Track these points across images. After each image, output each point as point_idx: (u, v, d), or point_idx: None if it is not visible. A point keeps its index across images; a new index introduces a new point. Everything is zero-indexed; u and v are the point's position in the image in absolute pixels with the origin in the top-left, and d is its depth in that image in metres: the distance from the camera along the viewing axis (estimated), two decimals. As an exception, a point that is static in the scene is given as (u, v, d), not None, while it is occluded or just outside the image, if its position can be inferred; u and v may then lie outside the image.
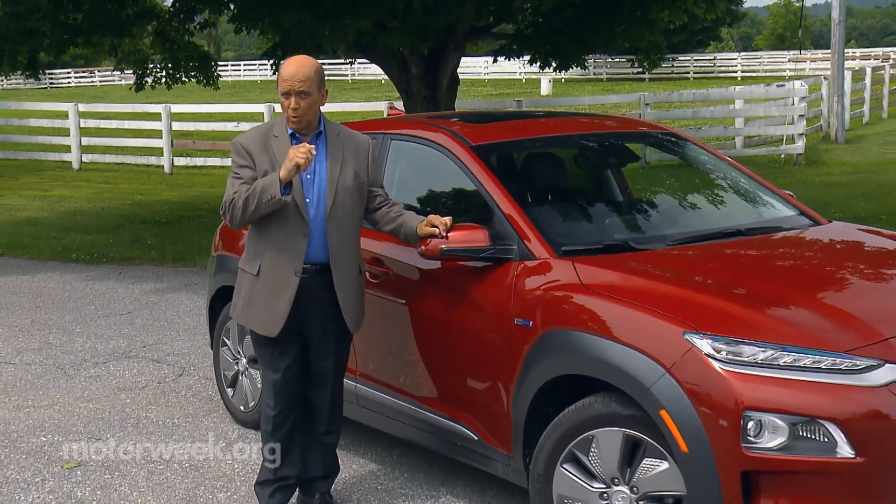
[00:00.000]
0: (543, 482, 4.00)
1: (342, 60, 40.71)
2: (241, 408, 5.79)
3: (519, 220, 4.38)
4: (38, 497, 4.98)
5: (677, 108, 21.16)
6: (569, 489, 3.94)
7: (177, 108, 21.00)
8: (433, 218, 4.36)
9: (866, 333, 3.60)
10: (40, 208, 15.57)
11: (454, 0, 10.57)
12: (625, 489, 3.82)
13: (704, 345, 3.58)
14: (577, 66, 12.35)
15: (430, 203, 5.04)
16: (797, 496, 3.45)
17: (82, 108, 21.56)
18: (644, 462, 3.76)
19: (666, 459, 3.68)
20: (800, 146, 17.78)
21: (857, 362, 3.49)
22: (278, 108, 20.55)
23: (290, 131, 4.35)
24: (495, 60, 13.91)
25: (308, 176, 4.33)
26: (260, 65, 51.68)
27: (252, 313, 4.43)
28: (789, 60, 47.63)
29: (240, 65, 62.37)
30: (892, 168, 16.73)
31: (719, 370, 3.52)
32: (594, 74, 50.29)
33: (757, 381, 3.49)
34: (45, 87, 60.44)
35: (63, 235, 12.86)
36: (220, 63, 21.94)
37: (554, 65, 12.37)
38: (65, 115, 21.39)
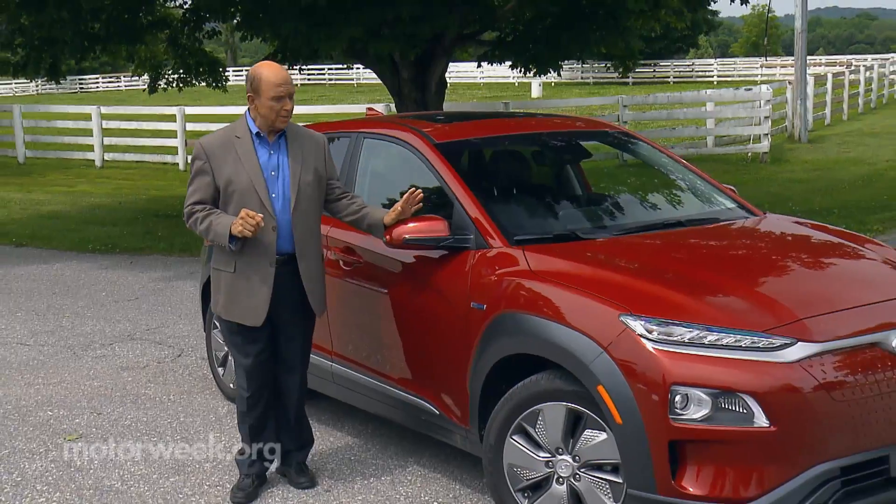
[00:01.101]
0: (495, 452, 4.03)
1: (346, 66, 40.51)
2: (231, 385, 5.81)
3: (475, 211, 4.40)
4: (41, 466, 5.02)
5: (655, 109, 21.15)
6: (518, 458, 3.97)
7: (191, 111, 21.03)
8: (398, 204, 4.37)
9: (783, 315, 3.63)
10: (63, 203, 15.60)
11: (440, 9, 10.56)
12: (568, 458, 3.85)
13: (638, 326, 3.61)
14: (553, 72, 12.35)
15: (399, 196, 5.05)
16: (718, 462, 3.49)
17: (104, 110, 21.57)
18: (585, 433, 3.80)
19: (604, 430, 3.71)
20: (765, 145, 17.80)
21: (773, 341, 3.52)
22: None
23: (254, 131, 4.36)
24: (479, 65, 13.92)
25: (272, 173, 4.34)
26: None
27: (236, 307, 4.41)
28: (761, 66, 47.51)
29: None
30: (849, 166, 16.75)
31: (651, 349, 3.56)
32: (581, 78, 50.21)
33: (684, 359, 3.52)
34: (76, 92, 60.52)
35: (82, 228, 12.89)
36: (235, 69, 22.05)
37: (533, 70, 12.37)
38: (88, 117, 21.42)
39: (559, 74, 13.33)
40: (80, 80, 63.57)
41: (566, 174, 5.55)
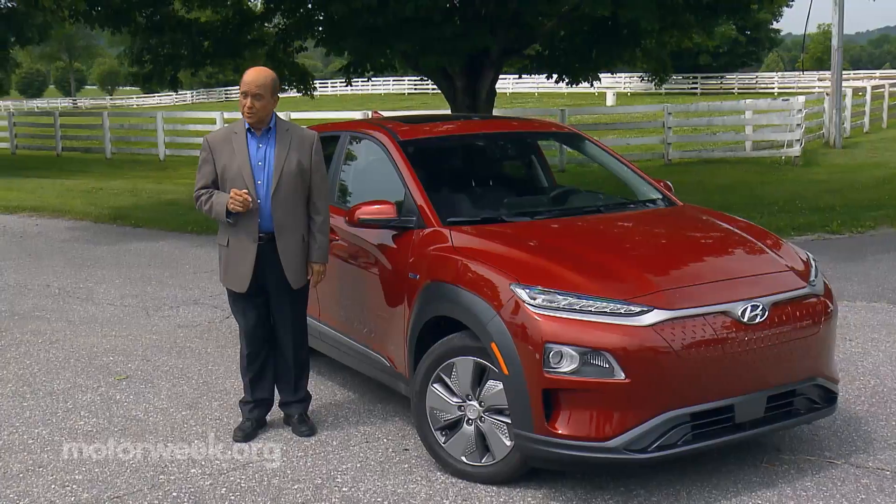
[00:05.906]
0: (419, 397, 4.22)
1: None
2: (253, 340, 6.09)
3: (419, 197, 4.57)
4: (90, 398, 5.41)
5: (696, 116, 20.66)
6: (437, 402, 4.15)
7: (296, 115, 21.61)
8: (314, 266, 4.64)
9: (644, 286, 3.71)
10: (182, 192, 16.19)
11: (479, 29, 10.69)
12: (475, 403, 4.01)
13: (524, 293, 3.74)
14: (584, 81, 12.33)
15: (370, 183, 5.24)
16: (584, 407, 3.62)
17: (227, 115, 22.37)
18: (488, 383, 3.95)
19: (501, 380, 3.85)
20: (797, 150, 17.32)
21: (633, 308, 3.61)
22: (353, 115, 20.65)
23: (246, 127, 4.59)
24: (520, 77, 13.97)
25: (259, 163, 4.54)
26: (362, 82, 51.08)
27: (228, 276, 4.67)
28: (818, 79, 45.75)
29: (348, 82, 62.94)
30: (871, 169, 16.13)
31: (532, 313, 3.68)
32: (654, 88, 49.15)
33: (559, 322, 3.64)
34: (222, 101, 62.48)
35: (188, 213, 13.34)
36: (332, 81, 22.64)
37: (566, 80, 12.38)
38: (213, 122, 22.25)
39: (591, 84, 13.29)
40: (226, 90, 65.68)
41: (514, 167, 5.63)
